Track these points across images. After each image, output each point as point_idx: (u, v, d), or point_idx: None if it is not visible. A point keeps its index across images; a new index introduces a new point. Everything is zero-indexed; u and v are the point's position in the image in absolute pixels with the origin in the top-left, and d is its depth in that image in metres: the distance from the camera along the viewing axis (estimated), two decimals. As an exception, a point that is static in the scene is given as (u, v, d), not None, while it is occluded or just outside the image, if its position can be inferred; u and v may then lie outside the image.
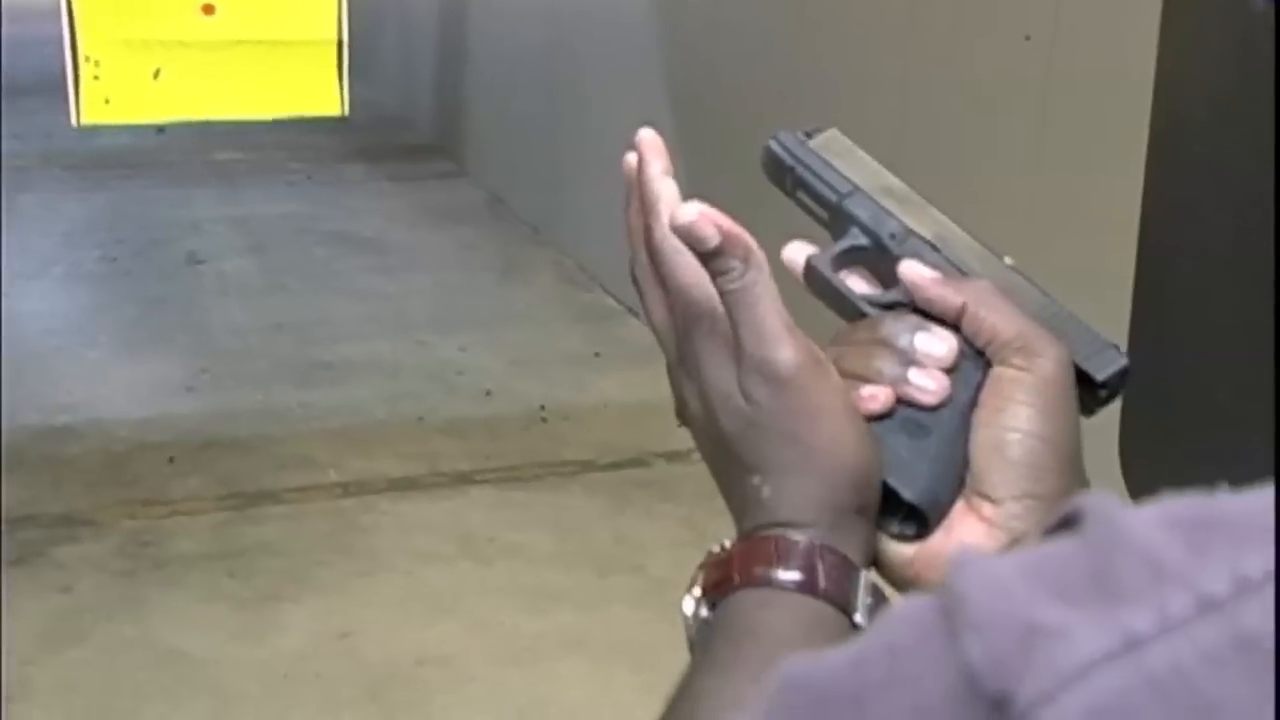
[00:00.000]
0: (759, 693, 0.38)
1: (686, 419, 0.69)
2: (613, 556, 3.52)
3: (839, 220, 0.75)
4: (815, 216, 0.76)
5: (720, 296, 0.65)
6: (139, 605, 3.27)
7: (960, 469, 0.67)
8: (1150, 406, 1.34)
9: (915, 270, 0.71)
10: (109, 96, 3.81)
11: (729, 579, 0.63)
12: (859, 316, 0.72)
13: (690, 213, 0.64)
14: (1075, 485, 0.66)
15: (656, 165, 0.68)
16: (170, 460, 3.98)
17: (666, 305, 0.68)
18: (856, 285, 0.74)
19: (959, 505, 0.67)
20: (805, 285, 0.75)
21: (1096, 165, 2.67)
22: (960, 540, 0.66)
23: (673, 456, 3.94)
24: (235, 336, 5.02)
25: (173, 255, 6.02)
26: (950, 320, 0.69)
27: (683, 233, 0.64)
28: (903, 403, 0.68)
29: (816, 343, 0.67)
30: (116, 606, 3.26)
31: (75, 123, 3.87)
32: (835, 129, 0.79)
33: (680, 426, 0.71)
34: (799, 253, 0.74)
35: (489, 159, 7.29)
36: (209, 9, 3.86)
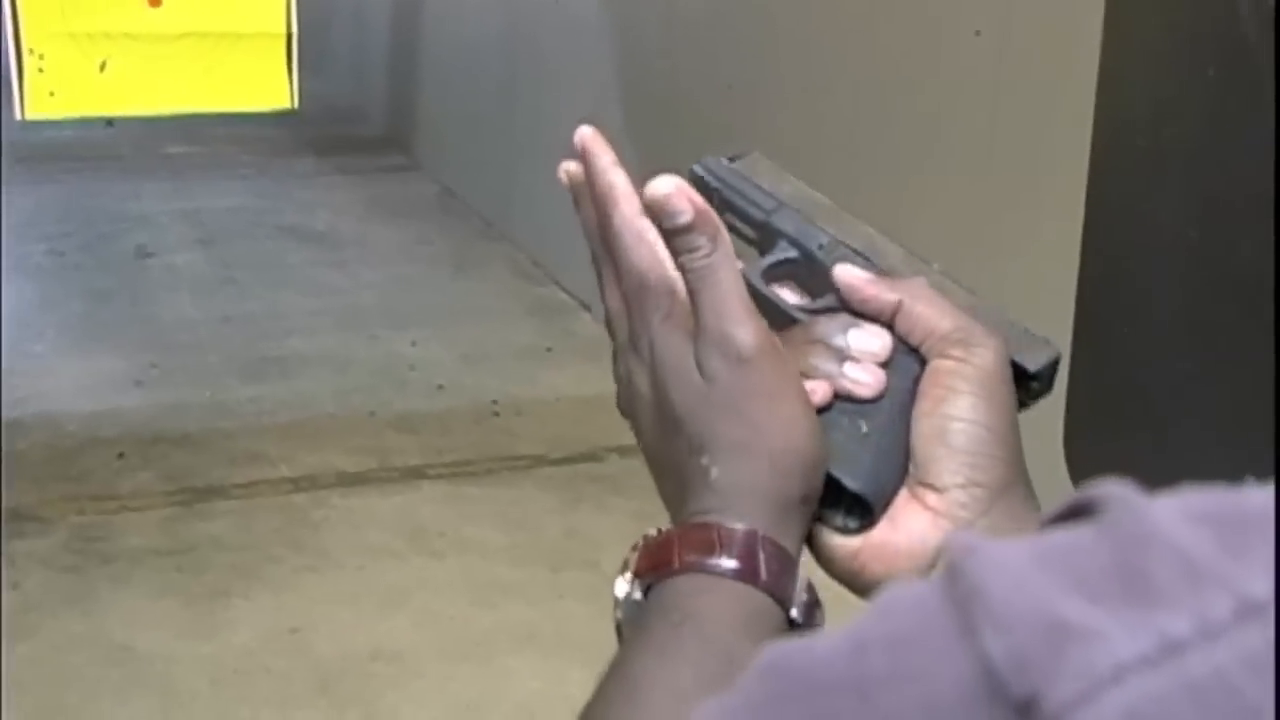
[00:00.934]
0: (738, 676, 0.37)
1: (629, 407, 0.69)
2: (565, 551, 3.52)
3: (767, 236, 0.76)
4: (744, 237, 0.77)
5: (684, 275, 0.65)
6: (87, 601, 3.25)
7: (903, 460, 0.68)
8: (1093, 401, 1.35)
9: (849, 272, 0.71)
10: (54, 90, 3.76)
11: (667, 563, 0.63)
12: (792, 325, 0.72)
13: (666, 185, 0.65)
14: (1018, 476, 0.67)
15: (605, 158, 0.69)
16: (119, 455, 3.95)
17: (620, 290, 0.68)
18: (788, 297, 0.75)
19: (903, 496, 0.68)
20: None
21: (1044, 161, 2.69)
22: (907, 531, 0.67)
23: (625, 451, 3.94)
24: (185, 331, 4.99)
25: (121, 249, 5.96)
26: (885, 319, 0.70)
27: (657, 205, 0.65)
28: (841, 398, 0.69)
29: None
30: (65, 602, 3.24)
31: (19, 117, 3.83)
32: (758, 151, 0.79)
33: (623, 417, 0.71)
34: None
35: (442, 152, 7.27)
36: (155, 1, 3.82)
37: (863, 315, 0.70)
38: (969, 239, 2.88)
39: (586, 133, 0.69)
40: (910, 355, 0.69)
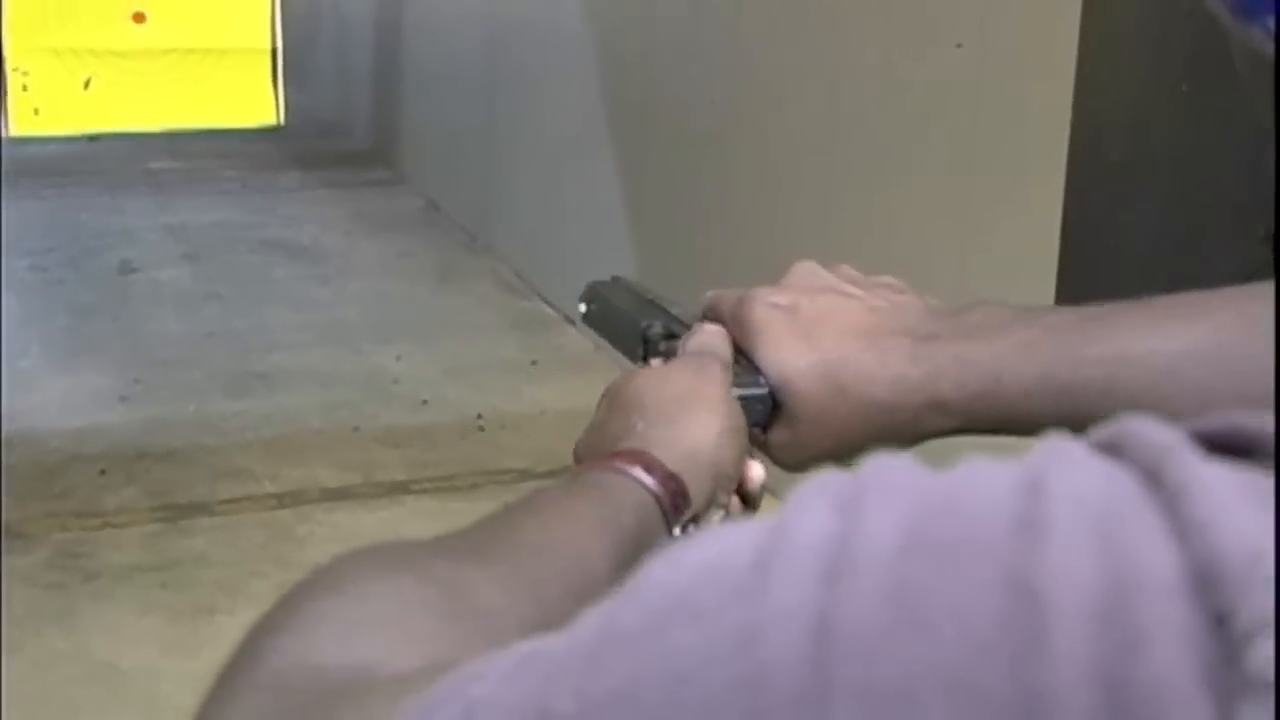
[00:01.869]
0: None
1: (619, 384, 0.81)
2: (550, 564, 3.52)
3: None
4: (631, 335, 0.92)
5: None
6: (71, 618, 3.24)
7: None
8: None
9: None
10: (38, 107, 3.78)
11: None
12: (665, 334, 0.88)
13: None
14: None
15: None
16: (102, 471, 3.94)
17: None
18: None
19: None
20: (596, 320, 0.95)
21: (1023, 172, 2.70)
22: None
23: (610, 463, 3.94)
24: (169, 346, 4.98)
25: (105, 264, 5.96)
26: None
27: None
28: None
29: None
30: (48, 619, 3.23)
31: (4, 134, 3.82)
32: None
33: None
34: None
35: (426, 166, 7.28)
36: (140, 17, 3.83)
37: None
38: (948, 247, 2.89)
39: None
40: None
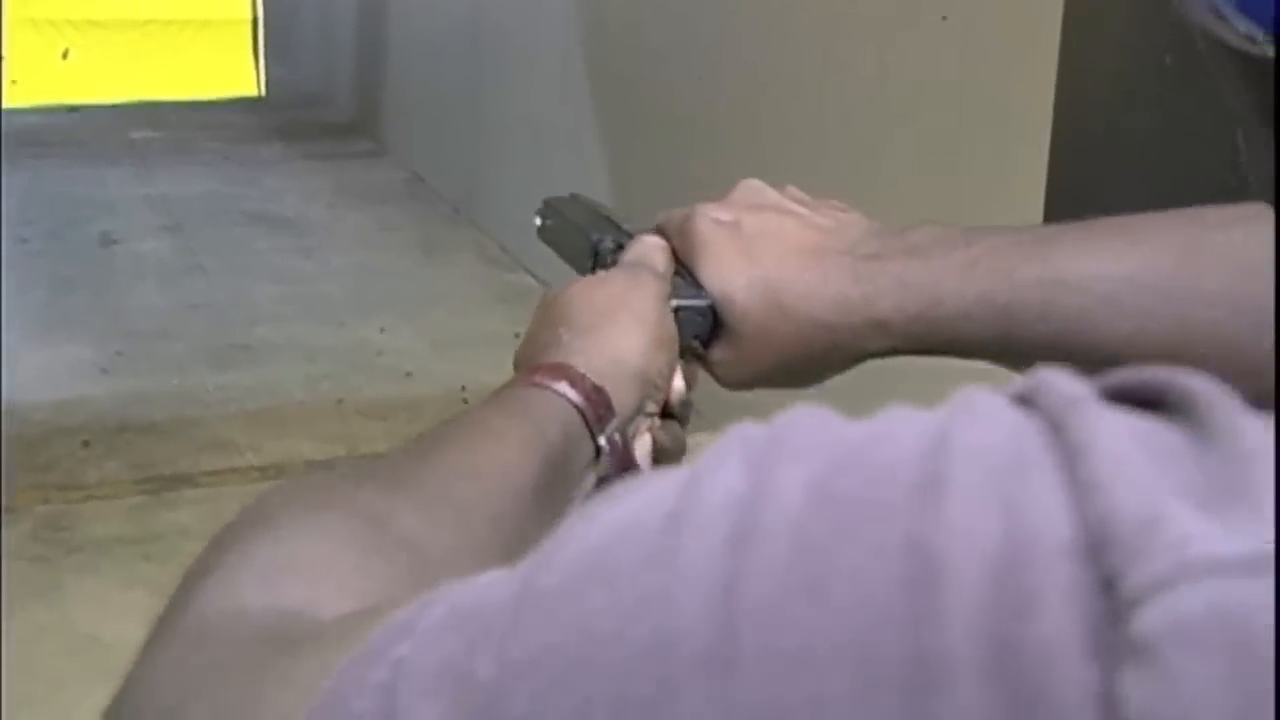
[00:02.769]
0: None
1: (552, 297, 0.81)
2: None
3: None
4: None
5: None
6: (54, 591, 3.23)
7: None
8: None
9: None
10: (15, 78, 3.75)
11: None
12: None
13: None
14: None
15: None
16: (85, 444, 3.93)
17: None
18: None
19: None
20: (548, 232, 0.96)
21: (1009, 143, 2.70)
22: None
23: (594, 436, 3.94)
24: (151, 318, 4.96)
25: (86, 236, 5.93)
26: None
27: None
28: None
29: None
30: (31, 592, 3.22)
31: (-17, 103, 3.80)
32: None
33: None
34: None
35: (409, 138, 7.25)
36: (119, -13, 3.80)
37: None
38: (931, 218, 2.88)
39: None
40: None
